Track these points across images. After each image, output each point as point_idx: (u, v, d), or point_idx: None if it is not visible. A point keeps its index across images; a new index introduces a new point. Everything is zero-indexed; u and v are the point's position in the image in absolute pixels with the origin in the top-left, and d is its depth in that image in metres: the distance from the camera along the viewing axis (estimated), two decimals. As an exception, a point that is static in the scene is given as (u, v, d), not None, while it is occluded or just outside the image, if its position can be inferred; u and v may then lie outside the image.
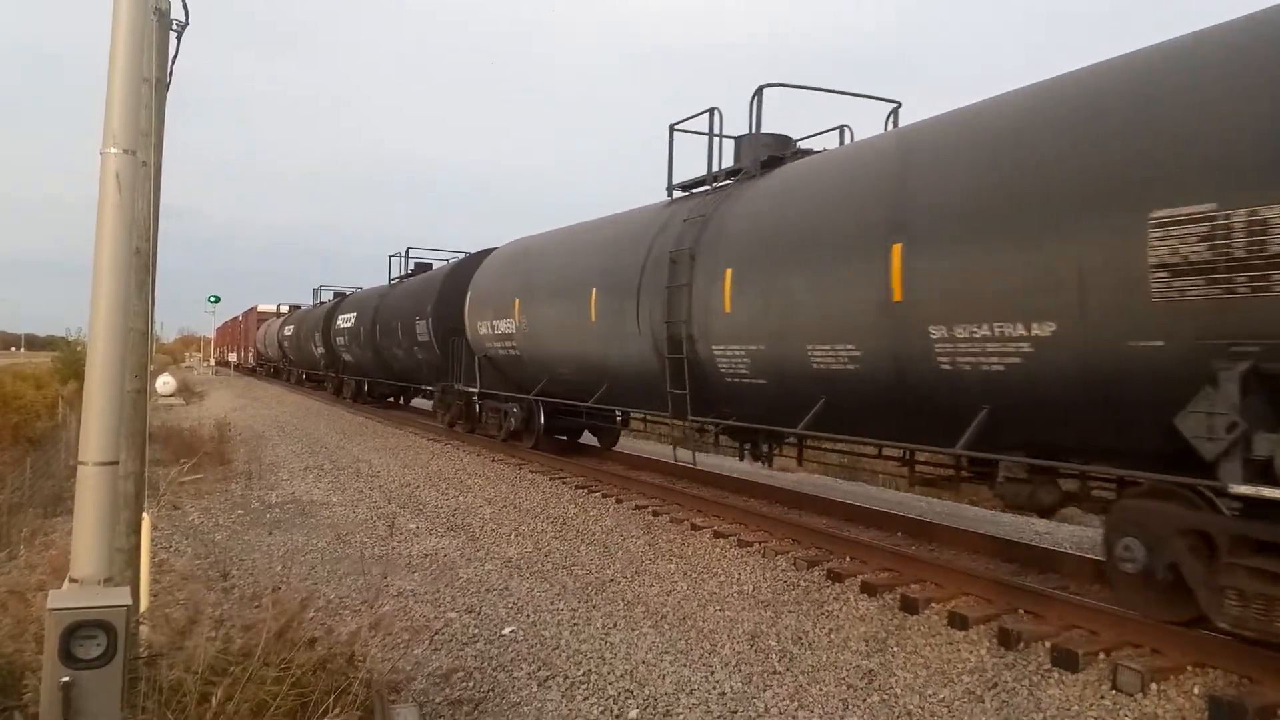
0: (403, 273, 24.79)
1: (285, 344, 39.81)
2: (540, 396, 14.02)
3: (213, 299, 60.27)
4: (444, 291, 18.27)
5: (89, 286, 3.43)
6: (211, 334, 75.27)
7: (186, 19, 4.91)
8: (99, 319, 3.40)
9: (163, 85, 4.85)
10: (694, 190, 11.06)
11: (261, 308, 54.87)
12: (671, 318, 9.73)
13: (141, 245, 4.46)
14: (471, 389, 16.72)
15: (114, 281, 3.42)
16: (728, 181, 10.29)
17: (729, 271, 8.93)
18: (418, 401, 27.00)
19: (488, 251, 17.75)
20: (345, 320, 27.19)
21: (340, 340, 27.57)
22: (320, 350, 31.07)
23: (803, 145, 10.29)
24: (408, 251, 25.42)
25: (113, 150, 3.42)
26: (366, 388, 28.09)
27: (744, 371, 8.91)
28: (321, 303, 36.12)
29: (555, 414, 14.42)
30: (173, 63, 4.95)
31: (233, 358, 64.70)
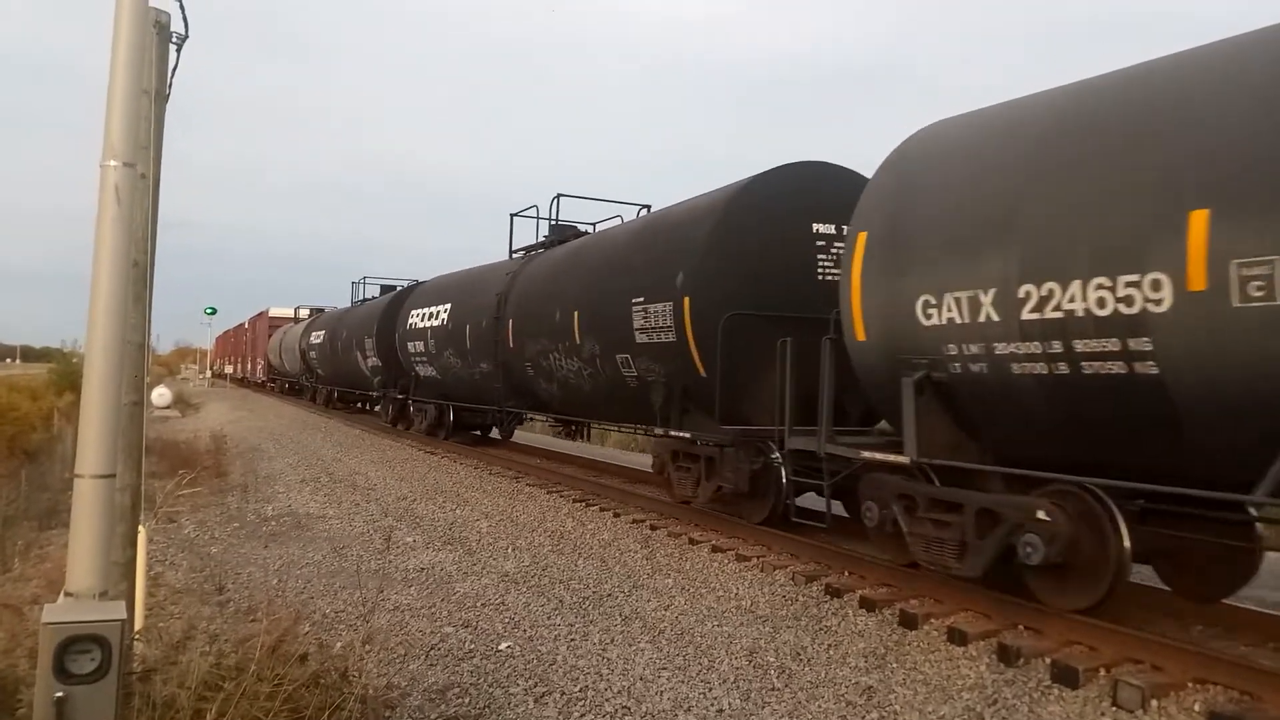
0: (542, 239, 16.00)
1: (311, 355, 32.01)
2: None
3: (209, 310, 60.30)
4: (730, 238, 9.53)
5: (87, 299, 3.42)
6: (208, 345, 74.46)
7: (186, 31, 4.91)
8: (97, 332, 3.38)
9: (162, 97, 4.85)
10: None
11: (274, 312, 47.28)
12: None
13: (139, 258, 4.45)
14: (888, 454, 7.34)
15: (112, 294, 3.41)
16: None
17: None
18: (543, 440, 21.22)
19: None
20: (425, 316, 18.72)
21: (416, 348, 19.16)
22: (372, 361, 23.03)
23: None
24: (557, 201, 15.72)
25: (112, 163, 3.41)
26: (453, 416, 19.25)
27: None
28: (367, 299, 28.33)
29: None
30: (172, 75, 4.95)
31: (230, 370, 63.84)
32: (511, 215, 16.91)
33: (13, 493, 10.53)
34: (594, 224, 15.29)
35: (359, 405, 30.72)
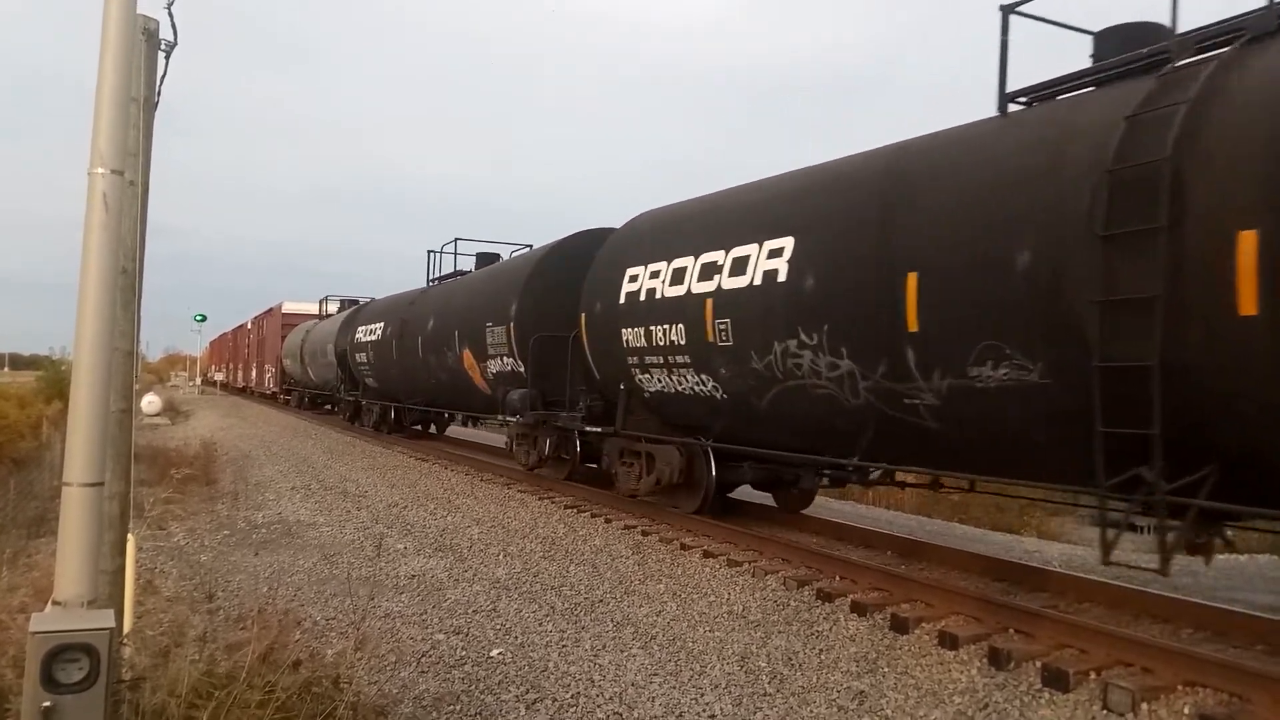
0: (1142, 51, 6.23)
1: (358, 359, 23.32)
2: None
3: (199, 317, 60.19)
4: None
5: (74, 307, 3.41)
6: (198, 352, 73.44)
7: (175, 39, 4.90)
8: (85, 339, 3.37)
9: (150, 105, 4.84)
10: None
11: (290, 307, 38.94)
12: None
13: (128, 265, 4.44)
14: None
15: (100, 302, 3.40)
16: None
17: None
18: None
19: None
20: (690, 274, 9.48)
21: (653, 339, 10.11)
22: (500, 366, 14.30)
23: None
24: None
25: (100, 170, 3.40)
26: (714, 470, 10.21)
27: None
28: (460, 272, 18.85)
29: None
30: (161, 82, 4.94)
31: (221, 377, 63.07)
32: None
33: (1, 501, 10.48)
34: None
35: (423, 428, 23.05)
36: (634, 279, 10.53)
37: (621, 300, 10.67)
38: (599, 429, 11.98)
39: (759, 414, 8.91)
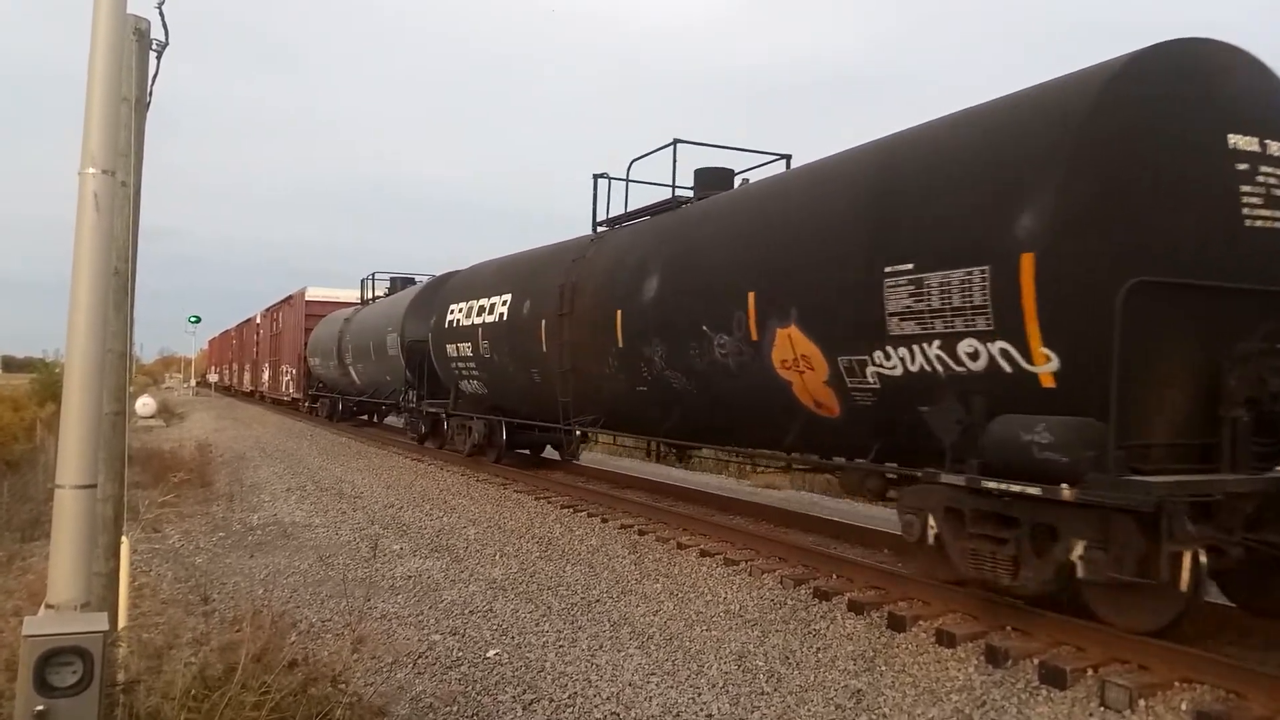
0: None
1: (459, 354, 15.58)
2: None
3: (193, 319, 60.12)
4: None
5: (67, 308, 3.39)
6: (193, 354, 72.94)
7: (167, 39, 4.88)
8: (77, 341, 3.35)
9: (142, 105, 4.82)
10: None
11: (316, 293, 31.44)
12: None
13: (120, 266, 4.41)
14: None
15: (92, 303, 3.37)
16: None
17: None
18: None
19: None
20: None
21: None
22: None
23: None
24: None
25: (91, 171, 3.38)
26: None
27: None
28: (676, 202, 11.14)
29: None
30: (153, 83, 4.92)
31: (216, 379, 62.63)
32: None
33: (-6, 504, 10.42)
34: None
35: (533, 452, 16.75)
36: None
37: None
38: None
39: None
